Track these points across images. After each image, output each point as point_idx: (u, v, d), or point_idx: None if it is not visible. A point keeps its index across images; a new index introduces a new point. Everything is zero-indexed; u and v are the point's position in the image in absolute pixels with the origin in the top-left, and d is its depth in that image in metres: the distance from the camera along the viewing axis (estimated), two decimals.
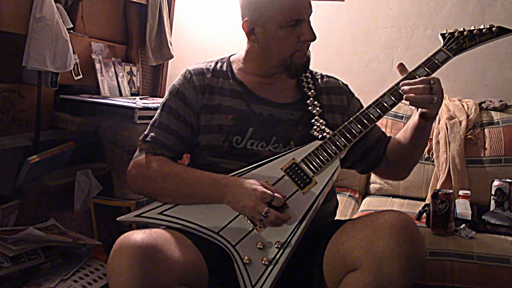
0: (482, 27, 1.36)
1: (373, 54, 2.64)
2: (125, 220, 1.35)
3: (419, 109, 1.34)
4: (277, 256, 1.19)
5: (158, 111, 1.42)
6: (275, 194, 1.21)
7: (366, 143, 1.46)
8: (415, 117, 1.37)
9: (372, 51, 2.64)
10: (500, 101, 2.33)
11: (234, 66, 1.45)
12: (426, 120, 1.35)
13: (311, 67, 1.47)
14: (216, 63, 1.46)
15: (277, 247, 1.20)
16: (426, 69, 1.33)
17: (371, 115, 1.32)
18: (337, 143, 1.30)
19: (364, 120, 1.32)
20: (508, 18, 2.44)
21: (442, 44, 1.37)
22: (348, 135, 1.31)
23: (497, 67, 2.48)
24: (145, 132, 1.40)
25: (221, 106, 1.38)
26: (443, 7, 2.54)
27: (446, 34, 1.38)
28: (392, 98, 1.32)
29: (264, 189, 1.22)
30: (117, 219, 1.33)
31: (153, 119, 1.42)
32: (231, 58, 1.48)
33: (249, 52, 1.43)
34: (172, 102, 1.40)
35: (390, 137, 1.51)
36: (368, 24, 2.64)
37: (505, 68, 2.47)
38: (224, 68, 1.45)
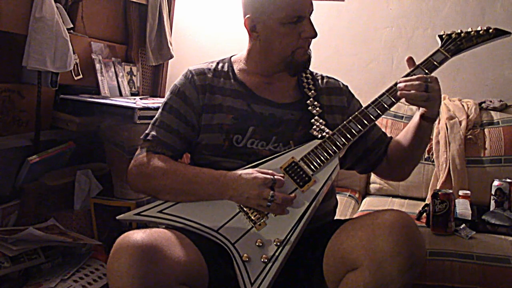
0: (479, 28, 1.37)
1: (373, 54, 2.64)
2: (125, 218, 1.35)
3: (420, 109, 1.35)
4: (276, 254, 1.19)
5: (159, 110, 1.43)
6: (275, 176, 1.23)
7: (367, 143, 1.47)
8: (415, 118, 1.38)
9: (372, 51, 2.64)
10: (500, 101, 2.33)
11: (235, 66, 1.46)
12: (426, 121, 1.36)
13: (311, 67, 1.47)
14: (218, 63, 1.47)
15: (276, 245, 1.20)
16: (424, 69, 1.34)
17: (370, 115, 1.33)
18: (336, 142, 1.31)
19: (363, 120, 1.32)
20: (508, 18, 2.44)
21: (440, 45, 1.38)
22: (347, 134, 1.31)
23: (497, 67, 2.48)
24: (146, 131, 1.41)
25: (222, 105, 1.38)
26: (443, 7, 2.54)
27: (443, 36, 1.39)
28: (391, 97, 1.33)
29: (264, 175, 1.23)
30: (117, 217, 1.33)
31: (154, 118, 1.43)
32: (233, 59, 1.49)
33: (251, 51, 1.43)
34: (173, 102, 1.41)
35: (391, 137, 1.52)
36: (368, 24, 2.64)
37: (505, 68, 2.47)
38: (225, 68, 1.45)
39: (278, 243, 1.20)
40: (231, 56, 1.50)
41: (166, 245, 1.12)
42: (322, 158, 1.29)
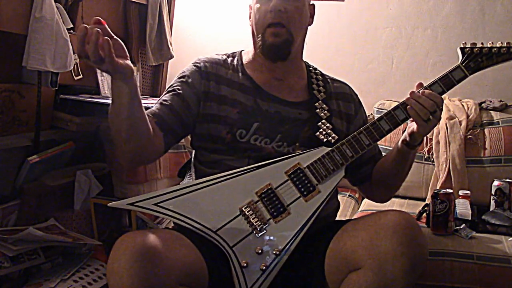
0: (498, 45, 1.34)
1: (373, 54, 2.64)
2: (118, 206, 1.25)
3: (405, 133, 1.34)
4: (274, 263, 1.19)
5: (164, 92, 1.44)
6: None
7: (370, 152, 1.47)
8: (398, 144, 1.37)
9: (372, 51, 2.64)
10: (500, 101, 2.33)
11: (244, 61, 1.46)
12: (408, 147, 1.35)
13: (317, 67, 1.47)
14: (228, 56, 1.49)
15: (275, 254, 1.20)
16: (442, 85, 1.30)
17: (382, 128, 1.30)
18: (345, 153, 1.29)
19: (375, 133, 1.30)
20: (508, 18, 2.44)
21: (460, 59, 1.33)
22: (356, 146, 1.29)
23: (497, 67, 2.46)
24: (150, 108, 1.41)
25: (228, 98, 1.38)
26: (443, 7, 2.54)
27: (466, 49, 1.34)
28: (405, 112, 1.29)
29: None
30: (109, 204, 1.25)
31: (159, 98, 1.44)
32: (243, 53, 1.49)
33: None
34: (177, 84, 1.42)
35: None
36: (368, 24, 2.64)
37: (505, 68, 2.45)
38: (235, 62, 1.46)
39: (277, 252, 1.20)
40: (241, 51, 1.50)
41: (166, 246, 1.11)
42: (329, 169, 1.28)
